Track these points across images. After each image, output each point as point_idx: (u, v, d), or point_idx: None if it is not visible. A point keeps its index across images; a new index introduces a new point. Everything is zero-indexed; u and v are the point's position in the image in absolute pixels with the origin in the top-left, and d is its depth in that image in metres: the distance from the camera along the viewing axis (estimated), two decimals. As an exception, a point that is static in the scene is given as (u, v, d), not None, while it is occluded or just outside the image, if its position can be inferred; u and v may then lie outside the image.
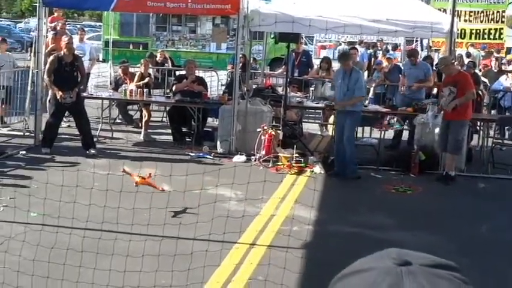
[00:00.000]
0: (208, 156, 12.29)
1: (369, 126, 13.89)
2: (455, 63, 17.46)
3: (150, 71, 15.83)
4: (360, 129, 13.72)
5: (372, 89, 17.36)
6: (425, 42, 24.44)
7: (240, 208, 8.56)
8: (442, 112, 11.51)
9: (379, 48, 24.47)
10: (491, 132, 14.06)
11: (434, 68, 15.58)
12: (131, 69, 15.82)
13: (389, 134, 13.77)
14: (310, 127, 15.76)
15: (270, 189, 9.44)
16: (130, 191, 7.26)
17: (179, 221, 7.34)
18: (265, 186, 8.07)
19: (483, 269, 7.31)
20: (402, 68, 16.09)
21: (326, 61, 17.11)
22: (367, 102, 15.57)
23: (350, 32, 14.43)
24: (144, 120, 14.15)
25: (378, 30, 12.28)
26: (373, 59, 22.43)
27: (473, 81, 15.19)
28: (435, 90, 14.91)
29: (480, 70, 18.47)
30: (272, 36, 20.11)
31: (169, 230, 7.24)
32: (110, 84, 16.42)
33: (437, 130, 11.96)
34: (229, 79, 17.01)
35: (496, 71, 17.67)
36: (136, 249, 6.78)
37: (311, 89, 16.91)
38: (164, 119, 15.80)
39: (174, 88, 14.07)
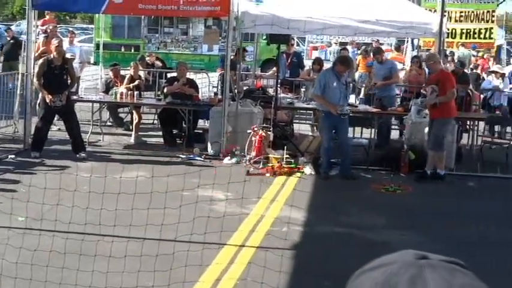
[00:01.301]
0: (198, 158, 12.31)
1: (360, 126, 13.94)
2: (447, 61, 17.62)
3: (141, 73, 15.84)
4: (350, 129, 13.75)
5: (362, 89, 17.43)
6: (416, 42, 24.49)
7: (229, 209, 8.58)
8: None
9: (369, 49, 24.54)
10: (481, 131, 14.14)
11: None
12: (123, 72, 15.82)
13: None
14: (301, 128, 15.79)
15: (261, 190, 9.46)
16: (114, 193, 7.26)
17: (168, 223, 7.34)
18: (255, 187, 8.11)
19: (472, 269, 7.35)
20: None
21: (318, 62, 17.15)
22: (357, 102, 15.68)
23: (344, 33, 14.53)
24: (134, 123, 14.16)
25: (371, 31, 12.34)
26: (358, 59, 22.50)
27: (462, 80, 15.35)
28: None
29: (472, 69, 18.54)
30: (264, 37, 20.18)
31: (164, 233, 7.24)
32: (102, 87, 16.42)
33: (427, 130, 12.04)
34: (220, 82, 17.06)
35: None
36: (121, 250, 6.79)
37: (302, 90, 16.95)
38: (155, 122, 15.81)
39: (165, 90, 14.08)
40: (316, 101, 12.35)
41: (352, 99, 14.89)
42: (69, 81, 12.25)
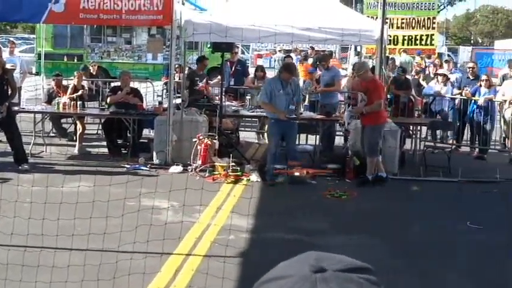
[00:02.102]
0: (144, 168, 12.22)
1: (305, 133, 14.05)
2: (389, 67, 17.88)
3: (84, 83, 15.65)
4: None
5: (307, 96, 17.54)
6: (359, 48, 24.83)
7: (176, 218, 8.53)
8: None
9: (311, 56, 24.77)
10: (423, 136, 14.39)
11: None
12: (66, 82, 15.60)
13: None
14: (247, 136, 15.82)
15: (207, 198, 9.43)
16: (56, 203, 7.15)
17: (110, 232, 7.25)
18: (201, 195, 8.07)
19: (419, 270, 7.47)
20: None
21: (261, 69, 17.24)
22: (302, 109, 15.77)
23: (282, 41, 14.62)
24: (78, 133, 13.97)
25: (308, 38, 12.44)
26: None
27: (404, 86, 15.61)
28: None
29: (413, 76, 18.84)
30: (209, 45, 20.16)
31: (107, 243, 7.16)
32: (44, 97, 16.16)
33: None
34: (165, 90, 16.98)
35: (432, 76, 18.08)
36: (65, 261, 6.69)
37: (247, 97, 16.99)
38: (99, 132, 15.63)
39: (108, 100, 13.95)
40: (264, 108, 12.41)
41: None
42: (9, 92, 12.03)
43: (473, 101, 15.01)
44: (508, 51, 35.24)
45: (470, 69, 16.72)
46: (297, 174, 11.08)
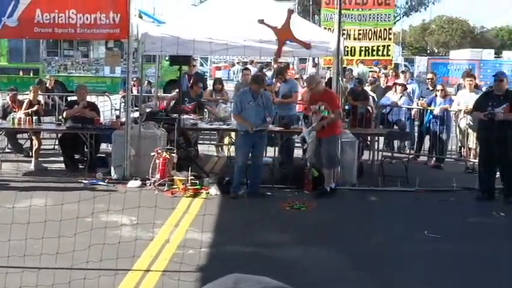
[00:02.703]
0: (102, 183, 12.09)
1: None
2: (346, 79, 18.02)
3: (40, 97, 15.46)
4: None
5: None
6: (317, 60, 24.97)
7: (133, 234, 8.44)
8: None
9: (271, 68, 24.87)
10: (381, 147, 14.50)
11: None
12: (21, 97, 15.39)
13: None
14: (206, 149, 15.77)
15: (165, 213, 9.37)
16: (7, 224, 7.02)
17: (65, 251, 7.14)
18: (160, 210, 8.02)
19: (377, 281, 7.51)
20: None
21: (219, 82, 17.22)
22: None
23: (234, 53, 14.65)
24: (34, 149, 13.77)
25: (261, 50, 12.45)
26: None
27: (362, 97, 15.74)
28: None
29: (369, 85, 19.03)
30: (166, 58, 20.08)
31: (60, 262, 7.05)
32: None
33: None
34: (122, 104, 16.86)
35: (383, 87, 18.25)
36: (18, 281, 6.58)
37: (206, 110, 16.92)
38: (56, 147, 15.43)
39: (65, 114, 13.80)
40: (235, 120, 12.41)
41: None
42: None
43: (429, 111, 15.19)
44: (463, 61, 35.83)
45: (429, 80, 16.94)
46: None
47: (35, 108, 14.30)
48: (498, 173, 11.79)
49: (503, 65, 33.99)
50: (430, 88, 16.33)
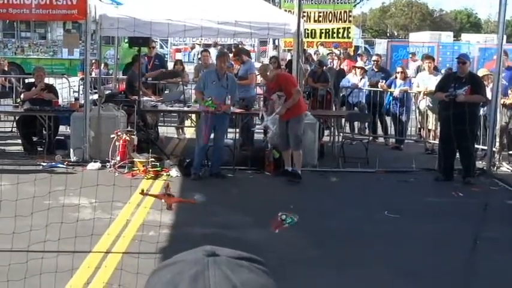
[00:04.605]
0: (61, 165, 11.94)
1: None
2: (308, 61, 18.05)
3: (-3, 79, 15.20)
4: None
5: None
6: (277, 42, 24.98)
7: (93, 216, 8.35)
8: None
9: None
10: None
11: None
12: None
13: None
14: (167, 131, 15.68)
15: (126, 195, 9.28)
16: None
17: (20, 232, 7.03)
18: (120, 192, 7.94)
19: (336, 261, 7.56)
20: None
21: (180, 63, 17.14)
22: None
23: (192, 35, 14.56)
24: (-9, 131, 13.56)
25: (218, 31, 12.37)
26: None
27: (322, 79, 15.80)
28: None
29: (329, 68, 19.09)
30: (126, 40, 19.87)
31: (15, 242, 6.95)
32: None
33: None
34: (81, 86, 16.65)
35: (337, 69, 18.42)
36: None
37: (166, 92, 16.83)
38: (14, 129, 15.19)
39: (22, 96, 13.58)
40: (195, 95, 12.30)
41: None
42: None
43: (389, 92, 15.30)
44: (423, 43, 36.12)
45: (375, 62, 17.13)
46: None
47: (-9, 89, 14.07)
48: (458, 153, 11.94)
49: (461, 48, 34.33)
50: (375, 70, 16.51)
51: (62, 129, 13.97)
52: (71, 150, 12.46)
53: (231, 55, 14.94)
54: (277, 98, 11.29)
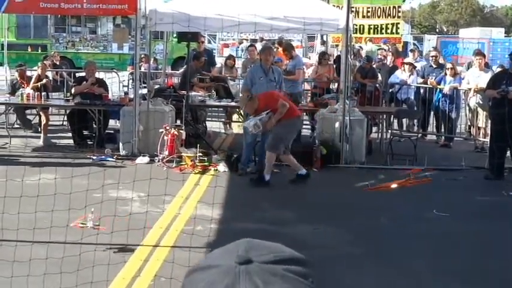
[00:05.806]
0: (110, 159, 12.11)
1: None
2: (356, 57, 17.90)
3: (49, 73, 15.45)
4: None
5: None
6: (325, 38, 24.86)
7: (142, 210, 8.46)
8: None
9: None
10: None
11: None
12: (29, 73, 15.38)
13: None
14: (214, 126, 15.76)
15: (174, 189, 9.38)
16: (16, 197, 7.05)
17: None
18: (168, 186, 8.02)
19: (384, 258, 7.52)
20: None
21: (232, 58, 17.24)
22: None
23: (245, 30, 14.59)
24: (42, 125, 13.79)
25: (271, 27, 12.39)
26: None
27: (370, 75, 15.70)
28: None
29: (379, 62, 18.93)
30: (175, 35, 20.01)
31: (68, 235, 7.09)
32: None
33: (337, 124, 12.25)
34: (131, 80, 16.84)
35: (390, 66, 18.17)
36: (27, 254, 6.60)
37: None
38: (65, 123, 15.44)
39: (73, 90, 13.80)
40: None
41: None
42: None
43: (438, 89, 15.11)
44: (473, 40, 35.61)
45: (433, 57, 16.83)
46: None
47: (44, 81, 14.30)
48: (509, 152, 11.74)
49: (513, 44, 33.80)
50: (434, 66, 16.22)
51: (112, 123, 14.16)
52: (120, 144, 12.61)
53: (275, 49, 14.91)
54: (268, 118, 10.60)
